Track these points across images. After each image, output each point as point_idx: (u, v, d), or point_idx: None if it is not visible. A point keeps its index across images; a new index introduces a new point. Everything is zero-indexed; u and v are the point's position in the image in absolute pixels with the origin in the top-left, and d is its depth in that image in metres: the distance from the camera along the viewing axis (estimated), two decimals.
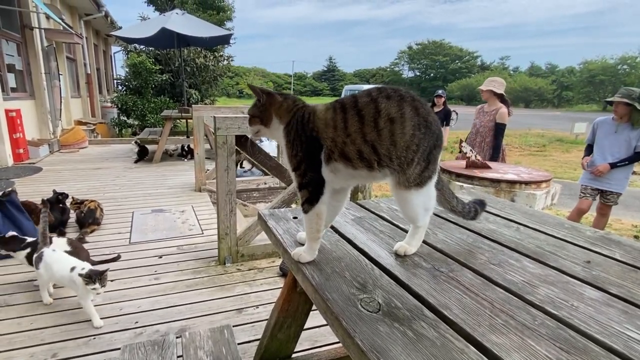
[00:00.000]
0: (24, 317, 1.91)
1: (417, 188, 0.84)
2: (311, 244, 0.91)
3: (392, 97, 0.80)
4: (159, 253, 2.68)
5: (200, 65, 10.46)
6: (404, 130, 0.79)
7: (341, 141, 0.81)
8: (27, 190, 4.06)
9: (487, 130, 3.81)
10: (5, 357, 1.63)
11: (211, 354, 1.10)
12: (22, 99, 6.56)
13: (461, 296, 0.78)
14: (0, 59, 5.97)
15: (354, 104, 0.82)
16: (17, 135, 5.76)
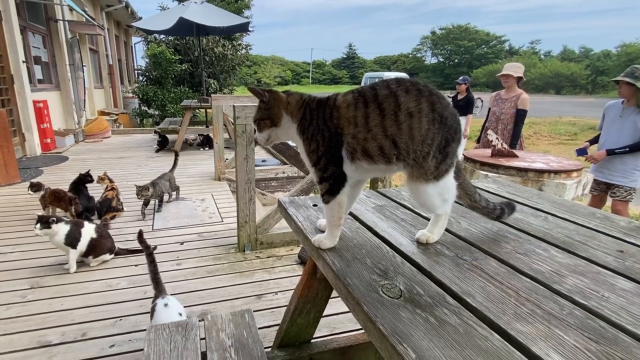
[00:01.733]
0: (55, 298, 2.04)
1: (434, 181, 0.84)
2: (332, 231, 0.92)
3: (410, 90, 0.81)
4: (180, 240, 2.78)
5: (219, 54, 10.55)
6: (420, 125, 0.80)
7: (362, 137, 0.82)
8: (54, 179, 4.27)
9: (509, 117, 3.70)
10: (39, 334, 1.76)
11: (233, 337, 1.14)
12: (49, 90, 6.84)
13: (485, 284, 0.77)
14: (28, 51, 6.22)
15: (374, 97, 0.82)
16: (45, 126, 6.03)
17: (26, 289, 2.11)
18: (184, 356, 1.06)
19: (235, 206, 2.61)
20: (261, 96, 0.88)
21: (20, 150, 5.54)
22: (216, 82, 10.52)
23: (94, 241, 2.29)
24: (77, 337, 1.73)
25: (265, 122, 0.89)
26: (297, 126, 0.88)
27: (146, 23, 7.42)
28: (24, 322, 1.84)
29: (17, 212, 3.31)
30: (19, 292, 2.08)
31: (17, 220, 3.14)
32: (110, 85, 11.05)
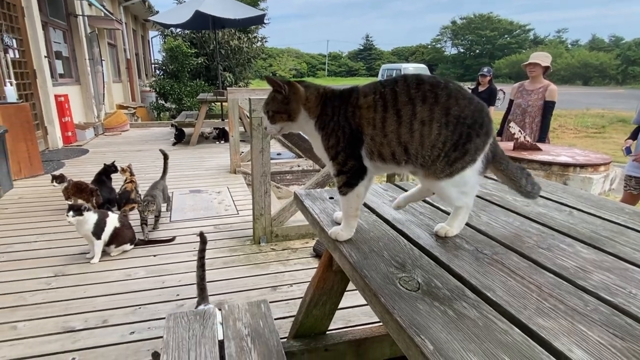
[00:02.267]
0: (77, 285, 2.13)
1: (447, 178, 0.84)
2: (349, 222, 0.93)
3: (427, 99, 0.80)
4: (197, 231, 2.82)
5: (234, 47, 10.62)
6: (431, 131, 0.81)
7: (379, 141, 0.84)
8: (76, 171, 4.42)
9: (537, 110, 3.58)
10: (63, 320, 1.84)
11: (249, 326, 1.17)
12: (69, 85, 7.05)
13: (506, 279, 0.77)
14: (49, 46, 6.42)
15: (394, 102, 0.82)
16: (66, 119, 6.24)
17: (50, 277, 2.22)
18: (202, 343, 1.09)
19: (251, 199, 2.65)
20: (280, 88, 0.85)
21: (43, 143, 5.75)
22: (232, 76, 10.61)
23: (117, 230, 2.38)
24: (99, 323, 1.81)
25: (281, 116, 0.87)
26: (316, 122, 0.87)
27: (163, 17, 7.53)
28: (48, 308, 1.94)
29: (41, 203, 3.45)
30: (44, 280, 2.18)
31: (41, 210, 3.28)
32: (128, 79, 11.30)
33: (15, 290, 2.08)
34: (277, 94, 0.86)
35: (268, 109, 0.89)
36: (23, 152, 4.32)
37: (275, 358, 1.05)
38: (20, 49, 5.48)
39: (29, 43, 5.54)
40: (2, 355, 1.61)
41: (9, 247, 2.57)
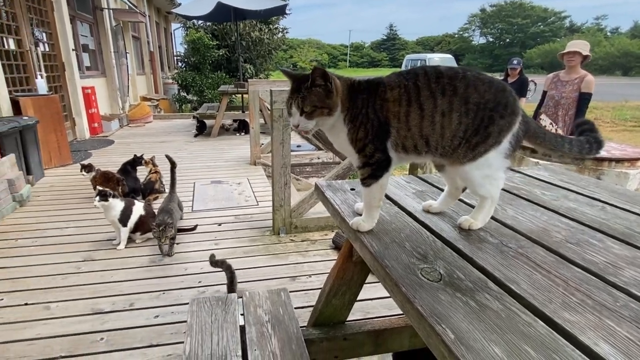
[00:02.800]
0: (105, 270, 2.25)
1: (470, 162, 0.85)
2: (371, 213, 0.94)
3: (446, 91, 0.82)
4: (218, 221, 2.93)
5: (255, 38, 10.69)
6: (451, 122, 0.82)
7: (403, 135, 0.85)
8: (102, 161, 4.62)
9: (571, 102, 3.44)
10: (92, 302, 1.96)
11: (269, 313, 1.21)
12: (95, 77, 7.32)
13: (531, 272, 0.76)
14: (77, 40, 6.68)
15: (417, 95, 0.83)
16: (93, 111, 6.50)
17: (80, 261, 2.35)
18: (224, 328, 1.14)
19: (270, 190, 2.70)
20: (326, 80, 0.81)
21: (71, 133, 6.02)
22: (252, 67, 10.70)
23: (142, 218, 2.50)
24: (126, 306, 1.91)
25: (321, 111, 0.83)
26: (345, 114, 0.86)
27: (185, 9, 7.67)
28: (78, 290, 2.06)
29: (70, 191, 3.64)
30: (74, 264, 2.32)
31: (70, 198, 3.45)
32: (152, 71, 11.60)
33: (48, 272, 2.22)
34: (320, 88, 0.82)
35: (307, 104, 0.82)
36: (53, 143, 4.54)
37: (294, 344, 1.08)
38: (50, 43, 5.73)
39: (57, 37, 5.79)
40: (37, 333, 1.73)
41: (42, 233, 2.74)
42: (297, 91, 0.84)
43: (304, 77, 0.84)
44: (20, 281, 2.13)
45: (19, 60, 4.91)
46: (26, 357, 1.59)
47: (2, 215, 2.99)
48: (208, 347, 1.06)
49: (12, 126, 3.58)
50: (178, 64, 11.33)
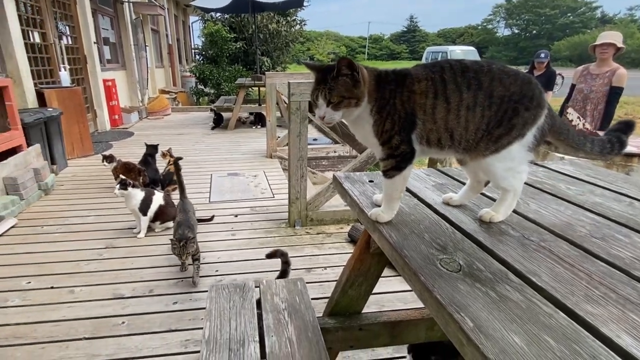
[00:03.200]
0: (126, 257, 2.34)
1: (492, 154, 0.85)
2: (391, 204, 0.95)
3: (471, 85, 0.82)
4: (234, 212, 3.00)
5: (273, 31, 10.72)
6: (475, 115, 0.83)
7: (429, 128, 0.86)
8: (123, 152, 4.77)
9: (601, 96, 3.32)
10: (114, 288, 2.05)
11: (286, 301, 1.24)
12: (116, 70, 7.52)
13: (553, 265, 0.76)
14: (98, 33, 6.86)
15: (444, 89, 0.83)
16: (113, 103, 6.69)
17: (102, 249, 2.45)
18: (242, 314, 1.18)
19: (286, 183, 2.74)
20: (354, 70, 0.81)
21: (92, 125, 6.22)
22: (269, 60, 10.75)
23: (161, 208, 2.58)
24: (146, 292, 1.99)
25: (349, 102, 0.83)
26: (373, 105, 0.86)
27: (203, 1, 7.75)
28: (101, 276, 2.15)
29: (92, 181, 3.77)
30: (96, 251, 2.42)
31: (93, 188, 3.59)
32: (170, 64, 11.82)
33: (72, 258, 2.32)
34: (347, 78, 0.81)
35: (334, 94, 0.82)
36: (76, 134, 4.71)
37: (311, 332, 1.11)
38: (73, 36, 5.92)
39: (80, 30, 5.97)
40: (62, 315, 1.82)
41: (66, 220, 2.86)
42: (323, 82, 0.83)
43: (329, 68, 0.83)
44: (46, 266, 2.24)
45: (43, 53, 5.10)
46: (52, 337, 1.68)
47: (28, 203, 3.14)
48: (226, 331, 1.10)
49: (37, 117, 3.74)
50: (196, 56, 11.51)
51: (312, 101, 0.89)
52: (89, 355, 1.58)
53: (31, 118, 3.62)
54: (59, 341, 1.65)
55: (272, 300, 1.25)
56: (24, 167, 3.26)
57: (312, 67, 0.89)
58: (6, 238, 2.59)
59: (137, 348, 1.62)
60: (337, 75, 0.82)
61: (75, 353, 1.59)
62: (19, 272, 2.18)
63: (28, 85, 4.35)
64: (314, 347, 1.06)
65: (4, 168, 3.04)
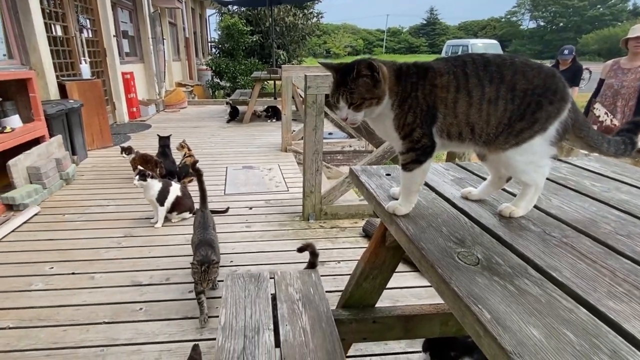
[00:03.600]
0: (144, 246, 2.42)
1: (513, 148, 0.85)
2: (409, 198, 0.95)
3: (494, 79, 0.82)
4: (249, 205, 3.04)
5: (290, 24, 10.73)
6: (497, 109, 0.82)
7: (449, 122, 0.86)
8: (140, 144, 4.88)
9: (632, 92, 3.20)
10: (132, 275, 2.11)
11: (300, 291, 1.27)
12: (134, 63, 7.68)
13: (575, 261, 0.75)
14: (117, 26, 7.01)
15: (466, 83, 0.83)
16: (131, 96, 6.85)
17: (120, 237, 2.53)
18: (257, 303, 1.21)
19: (300, 177, 2.76)
20: (374, 71, 0.81)
21: (111, 117, 6.38)
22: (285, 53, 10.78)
23: (178, 199, 2.64)
24: (162, 280, 2.06)
25: (370, 102, 0.83)
26: (394, 100, 0.85)
27: None
28: (119, 263, 2.23)
29: (111, 172, 3.89)
30: (115, 239, 2.50)
31: (112, 178, 3.70)
32: (187, 57, 11.97)
33: (92, 246, 2.41)
34: (367, 79, 0.81)
35: (355, 96, 0.82)
36: (96, 125, 4.85)
37: (325, 322, 1.13)
38: (93, 29, 6.06)
39: (100, 23, 6.11)
40: (83, 300, 1.90)
41: (87, 209, 2.96)
42: (343, 84, 0.83)
43: (347, 68, 0.83)
44: (67, 252, 2.33)
45: (65, 46, 5.25)
46: (74, 320, 1.76)
47: (51, 192, 3.26)
48: (242, 319, 1.13)
49: (59, 109, 3.86)
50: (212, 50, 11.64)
51: (333, 104, 0.88)
52: (108, 339, 1.64)
53: (53, 109, 3.75)
54: (80, 324, 1.73)
55: (286, 291, 1.28)
56: (46, 157, 3.39)
57: (330, 67, 0.87)
58: (30, 225, 2.71)
59: (154, 333, 1.68)
60: (357, 76, 0.81)
61: (96, 336, 1.66)
62: (42, 257, 2.27)
63: (50, 77, 4.50)
64: (328, 337, 1.08)
65: (27, 157, 3.17)
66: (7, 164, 2.96)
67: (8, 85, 3.35)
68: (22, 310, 1.82)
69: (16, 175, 3.00)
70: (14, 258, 2.27)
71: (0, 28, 3.98)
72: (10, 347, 1.59)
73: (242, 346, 1.03)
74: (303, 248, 1.63)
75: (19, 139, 3.16)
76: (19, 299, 1.90)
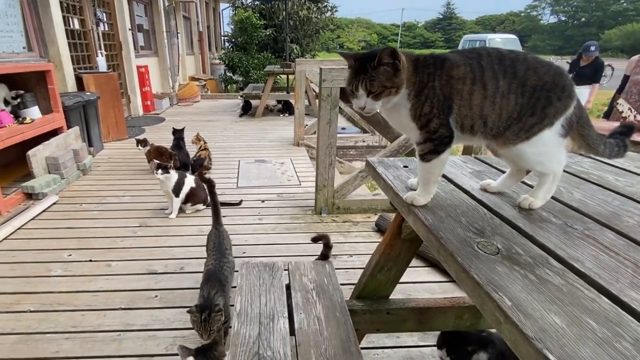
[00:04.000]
0: (159, 236, 2.47)
1: (523, 142, 0.86)
2: (428, 188, 0.95)
3: (507, 73, 0.84)
4: (261, 198, 3.08)
5: (303, 17, 10.72)
6: (508, 103, 0.84)
7: (464, 114, 0.87)
8: (155, 137, 4.96)
9: None
10: (147, 264, 2.17)
11: (314, 282, 1.28)
12: (148, 56, 7.78)
13: (597, 253, 0.75)
14: (133, 20, 7.11)
15: (482, 76, 0.84)
16: (146, 89, 6.95)
17: (136, 227, 2.59)
18: (271, 291, 1.23)
19: (313, 171, 2.77)
20: (395, 58, 0.81)
21: (126, 110, 6.49)
22: (298, 47, 10.78)
23: (192, 190, 2.69)
24: (177, 269, 2.10)
25: (390, 90, 0.83)
26: (411, 90, 0.86)
27: None
28: (135, 252, 2.28)
29: (126, 163, 3.97)
30: (131, 229, 2.56)
31: (127, 170, 3.77)
32: (200, 51, 12.07)
33: (109, 234, 2.47)
34: (388, 67, 0.82)
35: (375, 84, 0.82)
36: (111, 118, 4.95)
37: (339, 312, 1.14)
38: (109, 22, 6.16)
39: (116, 16, 6.21)
40: (100, 286, 1.96)
41: (103, 199, 3.04)
42: (363, 72, 0.83)
43: (368, 56, 0.83)
44: (85, 240, 2.40)
45: (82, 39, 5.35)
46: (91, 305, 1.82)
47: (68, 182, 3.35)
48: (257, 306, 1.16)
49: (77, 101, 3.95)
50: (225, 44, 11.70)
51: (350, 92, 0.88)
52: (124, 324, 1.69)
53: (71, 101, 3.84)
54: (98, 310, 1.78)
55: (300, 280, 1.29)
56: (64, 148, 3.48)
57: (349, 56, 0.88)
58: (49, 213, 2.79)
59: (169, 320, 1.72)
60: (378, 64, 0.82)
61: (112, 321, 1.71)
62: (61, 245, 2.34)
63: (68, 69, 4.60)
64: (342, 326, 1.10)
65: (46, 148, 3.25)
66: (27, 154, 3.05)
67: (28, 77, 3.44)
68: (42, 294, 1.89)
69: (35, 165, 3.09)
70: (34, 245, 2.35)
71: (20, 21, 4.08)
72: (31, 330, 1.65)
73: (258, 332, 1.06)
74: (318, 238, 1.64)
75: (38, 130, 3.25)
76: (39, 284, 1.97)
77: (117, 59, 6.37)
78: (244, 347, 1.01)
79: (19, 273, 2.06)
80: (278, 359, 0.98)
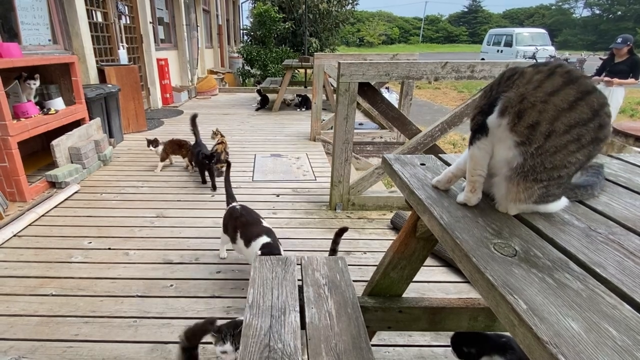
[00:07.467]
0: (175, 227, 2.53)
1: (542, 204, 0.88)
2: (467, 185, 0.94)
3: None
4: (276, 192, 3.10)
5: (323, 11, 10.68)
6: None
7: None
8: (173, 129, 5.06)
9: None
10: (163, 254, 2.22)
11: (327, 277, 1.29)
12: (168, 49, 7.92)
13: (622, 259, 0.72)
14: (154, 13, 7.23)
15: None
16: (165, 82, 7.08)
17: (153, 217, 2.66)
18: (284, 285, 1.24)
19: (328, 167, 2.78)
20: None
21: (146, 102, 6.64)
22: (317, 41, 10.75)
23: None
24: (192, 260, 2.15)
25: None
26: None
27: None
28: (152, 242, 2.35)
29: (145, 155, 4.06)
30: (148, 219, 2.63)
31: (146, 161, 3.87)
32: (219, 45, 12.20)
33: (127, 224, 2.55)
34: None
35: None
36: (131, 110, 5.07)
37: (350, 308, 1.15)
38: (130, 16, 6.30)
39: (137, 10, 6.33)
40: (118, 274, 2.02)
41: (122, 189, 3.13)
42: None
43: None
44: (104, 229, 2.48)
45: (104, 32, 5.49)
46: (110, 292, 1.88)
47: (89, 172, 3.47)
48: (269, 299, 1.17)
49: (98, 93, 4.07)
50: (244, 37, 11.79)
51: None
52: (140, 311, 1.75)
53: (93, 93, 3.95)
54: (115, 296, 1.85)
55: (312, 275, 1.30)
56: (86, 139, 3.59)
57: None
58: (71, 202, 2.90)
59: (183, 309, 1.76)
60: None
61: (129, 308, 1.77)
62: (81, 232, 2.43)
63: (91, 62, 4.73)
64: (353, 322, 1.10)
65: (69, 138, 3.37)
66: (51, 144, 3.17)
67: (52, 69, 3.56)
68: (63, 279, 1.97)
69: (59, 154, 3.21)
70: (56, 232, 2.44)
71: (46, 14, 4.22)
72: (52, 313, 1.73)
73: (269, 324, 1.07)
74: (343, 230, 1.68)
75: (62, 121, 3.36)
76: (61, 270, 2.05)
77: (137, 51, 6.51)
78: (255, 339, 1.03)
79: (43, 258, 2.15)
80: (288, 351, 1.00)
